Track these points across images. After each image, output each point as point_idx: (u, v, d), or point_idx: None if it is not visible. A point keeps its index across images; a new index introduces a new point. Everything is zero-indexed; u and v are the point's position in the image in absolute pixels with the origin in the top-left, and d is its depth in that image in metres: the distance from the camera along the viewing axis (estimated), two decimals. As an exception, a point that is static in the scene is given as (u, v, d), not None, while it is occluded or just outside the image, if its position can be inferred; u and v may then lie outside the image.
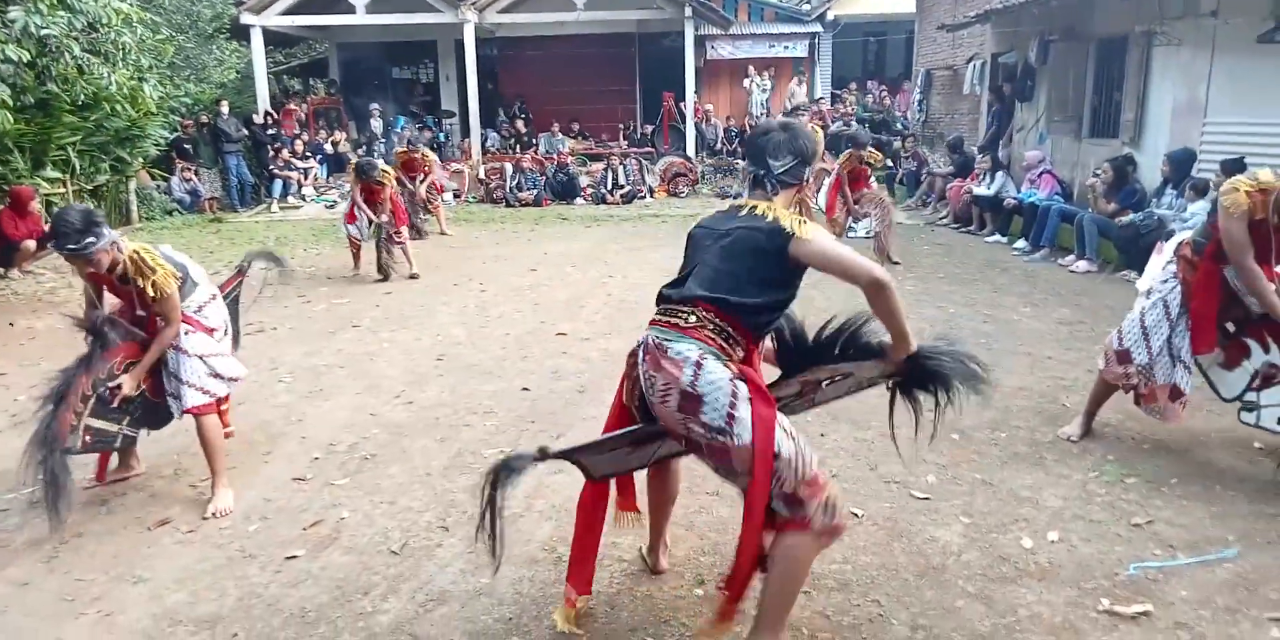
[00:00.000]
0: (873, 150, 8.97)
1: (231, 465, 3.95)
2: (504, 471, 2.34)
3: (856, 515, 3.37)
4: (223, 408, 3.89)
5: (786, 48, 17.23)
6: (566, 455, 2.49)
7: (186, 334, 3.59)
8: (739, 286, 2.42)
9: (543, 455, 2.37)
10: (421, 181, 10.32)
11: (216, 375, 3.65)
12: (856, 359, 2.63)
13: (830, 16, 18.02)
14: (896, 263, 8.36)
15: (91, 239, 3.29)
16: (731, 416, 2.32)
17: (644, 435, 2.59)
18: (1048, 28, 10.40)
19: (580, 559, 2.67)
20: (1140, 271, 7.49)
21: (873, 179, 9.14)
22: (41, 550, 3.25)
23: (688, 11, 14.55)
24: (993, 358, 5.31)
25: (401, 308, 7.00)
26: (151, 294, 3.42)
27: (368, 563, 3.12)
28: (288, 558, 3.16)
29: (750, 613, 2.53)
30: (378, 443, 4.21)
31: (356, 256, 8.49)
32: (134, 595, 2.94)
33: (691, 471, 3.73)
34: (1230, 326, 3.77)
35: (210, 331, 3.69)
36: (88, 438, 3.42)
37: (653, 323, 2.53)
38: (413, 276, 8.16)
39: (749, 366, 2.48)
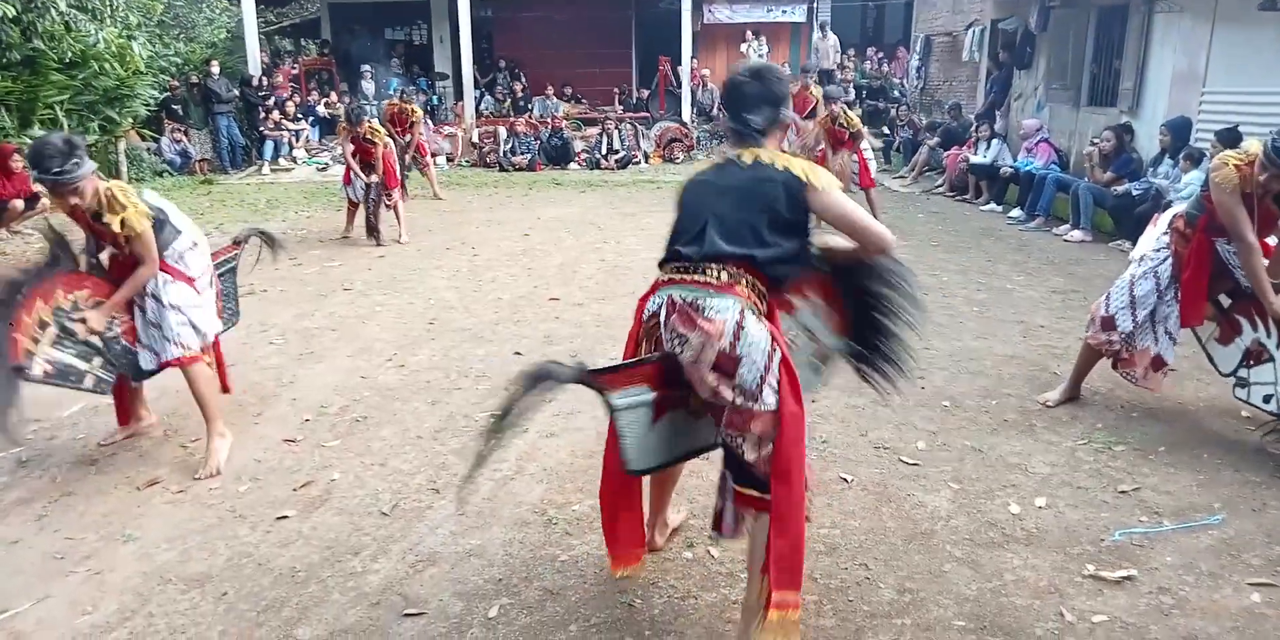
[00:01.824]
0: (848, 111, 8.59)
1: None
2: (538, 379, 2.17)
3: (846, 480, 3.38)
4: (217, 364, 3.83)
5: (784, 12, 16.97)
6: (599, 387, 2.31)
7: (166, 284, 3.50)
8: (761, 240, 2.34)
9: (581, 376, 2.24)
10: (408, 139, 10.15)
11: (195, 328, 3.58)
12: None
13: (830, -20, 17.74)
14: None
15: (75, 163, 3.21)
16: (764, 380, 2.27)
17: (673, 383, 2.41)
18: (1049, -7, 10.27)
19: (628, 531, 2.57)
20: (1134, 241, 7.50)
21: (865, 148, 8.77)
22: (31, 509, 3.26)
23: (685, -27, 14.32)
24: (986, 326, 5.33)
25: (394, 271, 6.96)
26: (121, 231, 3.32)
27: (358, 524, 3.13)
28: (278, 518, 3.16)
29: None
30: (369, 405, 4.21)
31: (350, 218, 8.41)
32: (124, 554, 2.95)
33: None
34: (1224, 300, 3.77)
35: (190, 281, 3.60)
36: (48, 367, 3.30)
37: (673, 282, 2.38)
38: (396, 241, 8.08)
39: (771, 322, 2.41)
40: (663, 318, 2.38)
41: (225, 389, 3.98)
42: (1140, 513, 3.13)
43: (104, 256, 3.59)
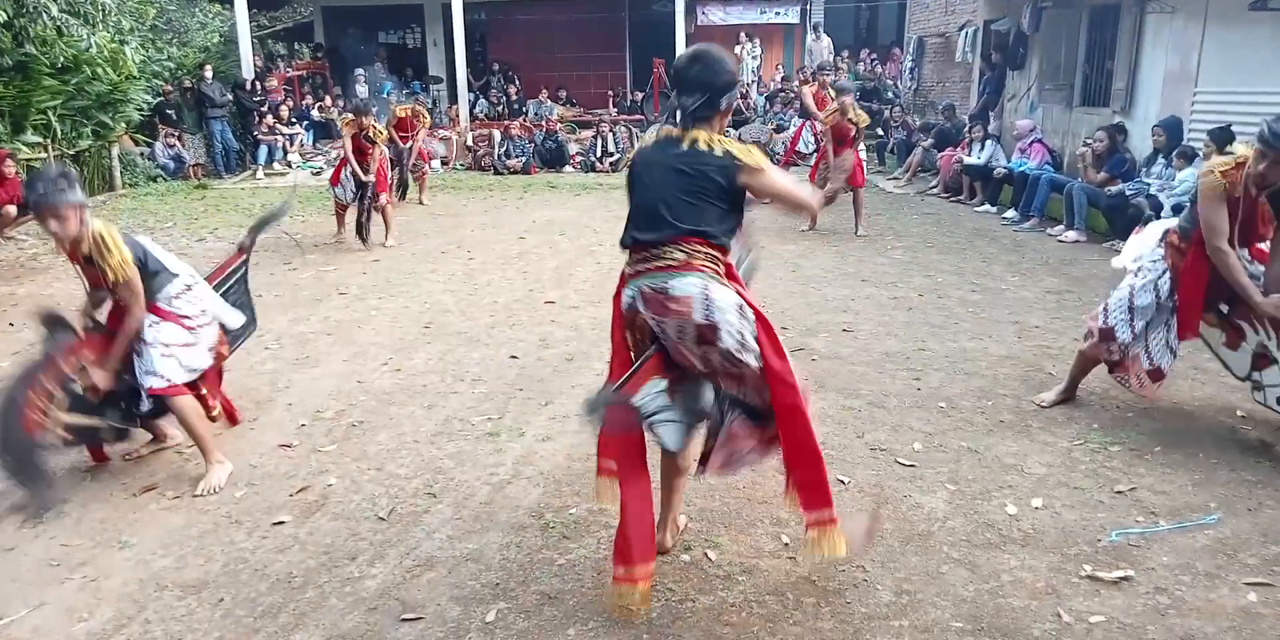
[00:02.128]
0: (858, 108, 8.55)
1: (217, 431, 3.95)
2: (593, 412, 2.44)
3: (843, 482, 3.38)
4: (204, 391, 3.72)
5: (778, 13, 17.02)
6: (626, 399, 2.51)
7: (154, 324, 3.47)
8: (710, 219, 2.51)
9: (614, 398, 2.50)
10: (410, 144, 10.16)
11: (180, 363, 3.52)
12: None
13: (823, -19, 17.79)
14: (861, 236, 8.25)
15: (61, 189, 3.23)
16: (743, 342, 2.47)
17: (674, 365, 2.59)
18: (1041, -6, 10.30)
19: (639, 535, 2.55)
20: (1127, 241, 7.52)
21: (861, 149, 8.86)
22: (26, 516, 3.24)
23: (678, -24, 14.34)
24: (981, 327, 5.34)
25: (389, 275, 6.95)
26: (112, 278, 3.33)
27: (355, 528, 3.12)
28: (274, 523, 3.16)
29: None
30: (365, 409, 4.20)
31: (340, 219, 8.40)
32: (120, 560, 2.94)
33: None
34: (1224, 307, 3.77)
35: (180, 320, 3.55)
36: (67, 435, 3.35)
37: (639, 274, 2.54)
38: (382, 245, 8.06)
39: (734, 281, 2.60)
40: (641, 309, 2.54)
41: (232, 419, 3.96)
42: (1136, 513, 3.13)
43: (104, 310, 3.57)
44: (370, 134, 8.02)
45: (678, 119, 2.56)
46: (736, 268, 2.68)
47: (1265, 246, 3.60)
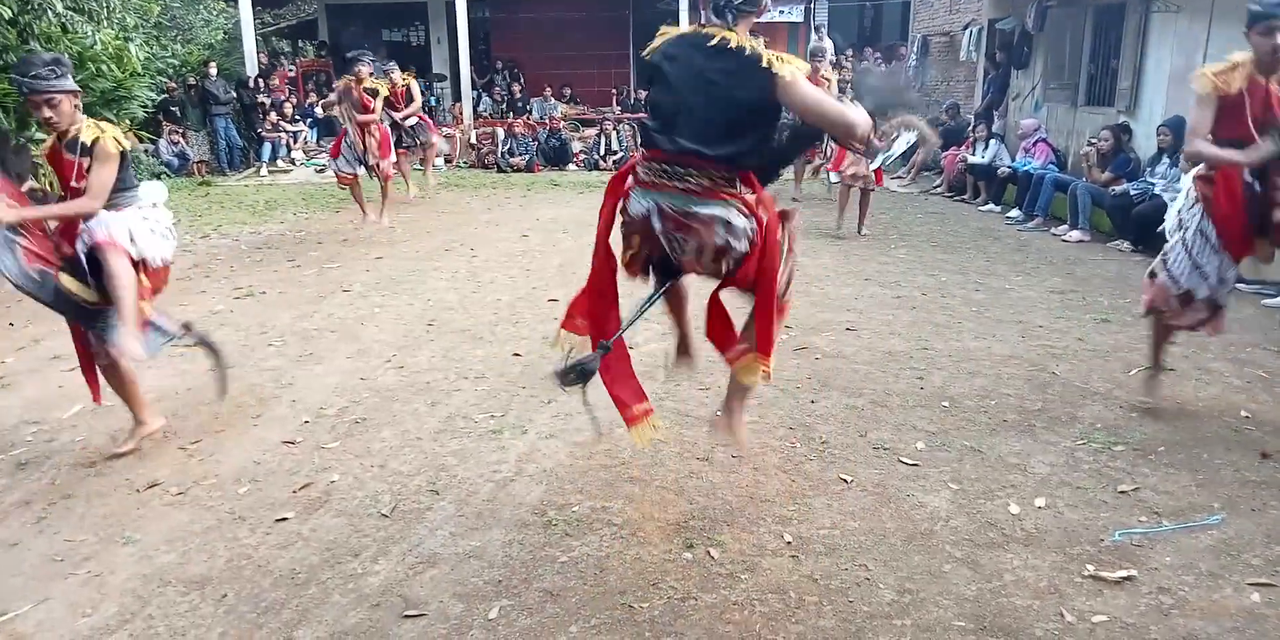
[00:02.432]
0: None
1: (220, 428, 3.96)
2: (574, 376, 2.69)
3: (845, 481, 3.38)
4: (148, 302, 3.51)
5: (782, 12, 16.99)
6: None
7: (104, 216, 3.34)
8: (734, 138, 2.50)
9: (606, 349, 2.75)
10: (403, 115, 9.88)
11: (130, 235, 3.38)
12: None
13: (827, -20, 17.76)
14: (864, 235, 8.24)
15: (56, 75, 3.20)
16: (751, 243, 2.67)
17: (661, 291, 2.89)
18: (1047, -7, 10.28)
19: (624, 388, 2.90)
20: (1132, 241, 7.52)
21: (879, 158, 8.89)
22: (31, 511, 3.25)
23: (682, -26, 14.33)
24: (984, 326, 5.33)
25: (392, 273, 6.96)
26: (86, 143, 3.24)
27: (358, 525, 3.12)
28: (278, 520, 3.16)
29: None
30: (368, 406, 4.20)
31: (358, 198, 8.22)
32: (123, 556, 2.95)
33: (683, 439, 3.75)
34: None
35: (138, 222, 3.41)
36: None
37: (657, 187, 2.59)
38: (378, 222, 8.08)
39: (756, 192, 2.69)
40: (656, 223, 2.63)
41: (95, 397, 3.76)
42: (1140, 513, 3.13)
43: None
44: (371, 86, 7.96)
45: (718, 12, 2.51)
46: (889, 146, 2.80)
47: None
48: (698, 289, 3.16)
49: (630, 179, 2.75)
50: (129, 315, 3.35)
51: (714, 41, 2.45)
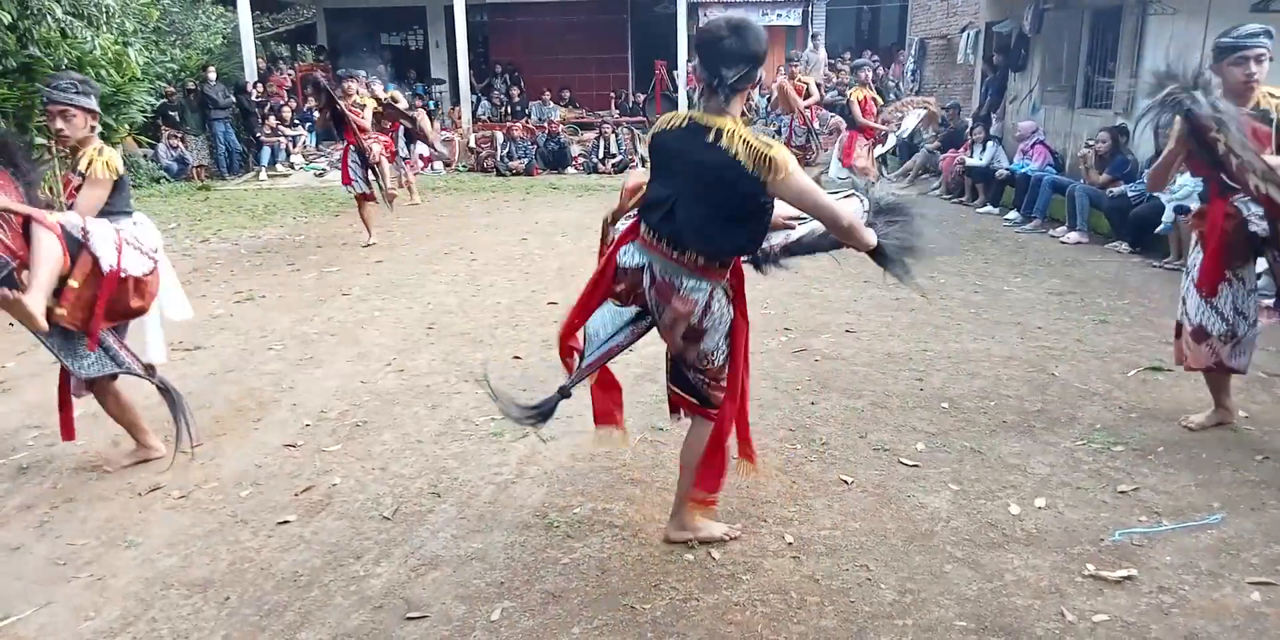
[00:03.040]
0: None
1: (221, 431, 3.97)
2: (534, 419, 2.81)
3: (846, 482, 3.39)
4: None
5: (780, 15, 17.03)
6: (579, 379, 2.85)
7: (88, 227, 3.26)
8: (733, 233, 2.57)
9: (565, 394, 2.80)
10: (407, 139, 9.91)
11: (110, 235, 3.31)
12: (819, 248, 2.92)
13: (825, -16, 17.79)
14: None
15: (77, 91, 3.30)
16: (719, 347, 2.72)
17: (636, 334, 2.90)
18: (1043, -4, 10.31)
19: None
20: (1130, 242, 7.54)
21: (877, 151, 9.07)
22: (33, 514, 3.26)
23: (681, -22, 14.37)
24: (983, 327, 5.34)
25: (392, 276, 6.97)
26: (83, 171, 3.30)
27: (359, 528, 3.13)
28: (280, 523, 3.17)
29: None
30: (369, 410, 4.21)
31: (365, 218, 8.17)
32: (126, 559, 2.95)
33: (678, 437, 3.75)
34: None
35: (99, 262, 3.27)
36: None
37: (652, 248, 2.64)
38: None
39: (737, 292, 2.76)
40: (645, 281, 2.68)
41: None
42: (1140, 513, 3.14)
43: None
44: (359, 101, 7.99)
45: (711, 92, 2.51)
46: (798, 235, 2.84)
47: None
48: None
49: (618, 237, 2.81)
50: (39, 284, 3.10)
51: (709, 136, 2.47)
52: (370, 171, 8.05)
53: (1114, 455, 3.60)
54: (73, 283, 3.24)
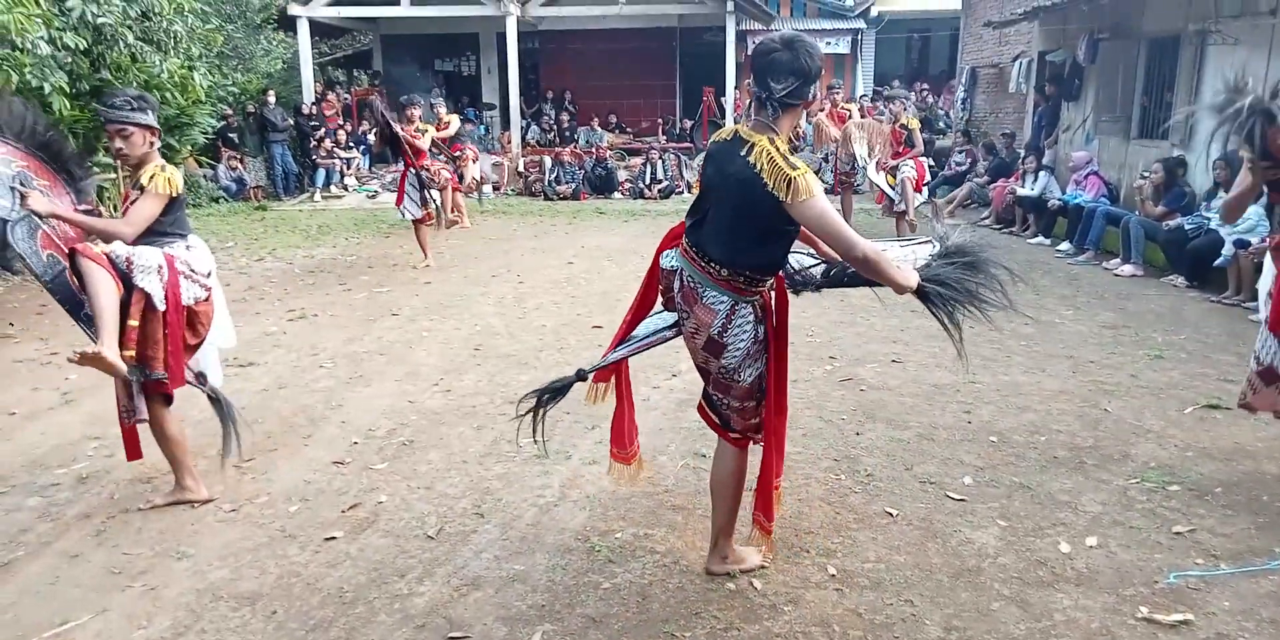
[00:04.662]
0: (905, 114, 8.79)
1: (273, 447, 4.05)
2: (548, 395, 2.81)
3: (891, 515, 3.35)
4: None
5: (829, 44, 17.10)
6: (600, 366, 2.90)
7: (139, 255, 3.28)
8: (749, 247, 2.59)
9: (581, 377, 2.83)
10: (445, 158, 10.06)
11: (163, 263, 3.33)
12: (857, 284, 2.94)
13: (874, 12, 17.85)
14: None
15: (134, 108, 3.29)
16: (744, 364, 2.67)
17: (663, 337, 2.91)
18: (1097, 26, 10.22)
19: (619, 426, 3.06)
20: (1186, 276, 7.38)
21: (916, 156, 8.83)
22: (91, 524, 3.34)
23: (729, 6, 14.50)
24: (1034, 360, 5.26)
25: (440, 297, 7.07)
26: (143, 183, 3.29)
27: (404, 546, 3.16)
28: (327, 539, 3.22)
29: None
30: (416, 429, 4.26)
31: (422, 240, 8.30)
32: (178, 570, 3.01)
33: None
34: None
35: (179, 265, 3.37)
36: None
37: (685, 254, 2.69)
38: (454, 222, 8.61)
39: (775, 289, 2.77)
40: (675, 285, 2.72)
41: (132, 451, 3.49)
42: (1196, 555, 3.05)
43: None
44: (421, 126, 8.16)
45: (760, 106, 2.54)
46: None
47: None
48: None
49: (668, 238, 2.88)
50: (108, 328, 3.13)
51: (744, 150, 2.50)
52: (426, 195, 8.19)
53: (1169, 495, 3.51)
54: (131, 322, 3.26)
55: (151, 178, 3.34)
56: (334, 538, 3.22)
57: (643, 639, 2.61)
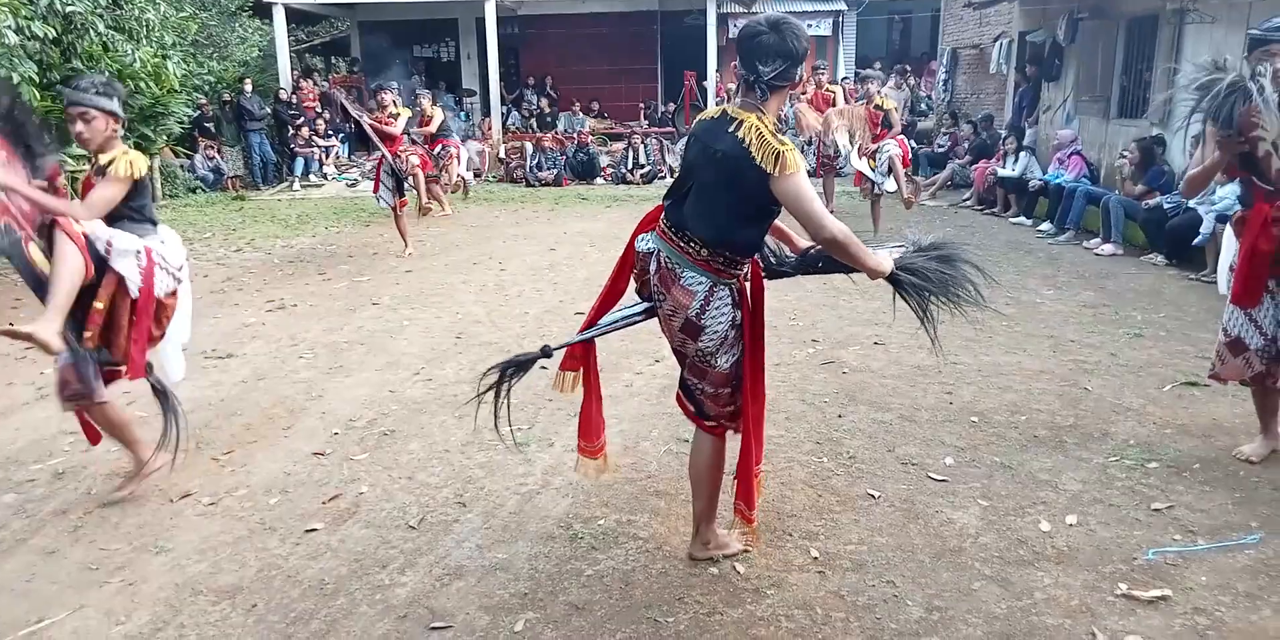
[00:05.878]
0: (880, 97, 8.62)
1: (252, 438, 4.02)
2: (511, 369, 2.84)
3: (873, 496, 3.36)
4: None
5: (810, 26, 16.97)
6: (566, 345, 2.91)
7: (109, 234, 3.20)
8: (732, 225, 2.57)
9: (546, 353, 2.85)
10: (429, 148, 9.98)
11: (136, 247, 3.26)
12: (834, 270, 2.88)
13: (854, -6, 17.77)
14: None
15: (98, 93, 3.21)
16: (720, 348, 2.65)
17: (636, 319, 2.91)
18: (1077, 5, 10.22)
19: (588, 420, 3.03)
20: (1166, 255, 7.42)
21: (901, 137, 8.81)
22: (67, 520, 3.31)
23: (710, -11, 14.41)
24: (1014, 340, 5.28)
25: (421, 286, 7.02)
26: (103, 166, 3.20)
27: (386, 537, 3.15)
28: (307, 530, 3.19)
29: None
30: (397, 419, 4.24)
31: (401, 229, 8.23)
32: (156, 565, 2.99)
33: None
34: None
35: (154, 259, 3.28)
36: None
37: (663, 235, 2.67)
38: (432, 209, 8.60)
39: (750, 276, 2.75)
40: (651, 267, 2.71)
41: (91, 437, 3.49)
42: (1174, 531, 3.08)
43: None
44: (394, 111, 8.07)
45: (748, 88, 2.52)
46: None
47: None
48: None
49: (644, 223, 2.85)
50: (56, 305, 3.06)
51: (731, 127, 2.49)
52: (402, 183, 8.12)
53: (1148, 472, 3.53)
54: (98, 304, 3.19)
55: (112, 161, 3.26)
56: (314, 529, 3.20)
57: (626, 625, 2.61)
